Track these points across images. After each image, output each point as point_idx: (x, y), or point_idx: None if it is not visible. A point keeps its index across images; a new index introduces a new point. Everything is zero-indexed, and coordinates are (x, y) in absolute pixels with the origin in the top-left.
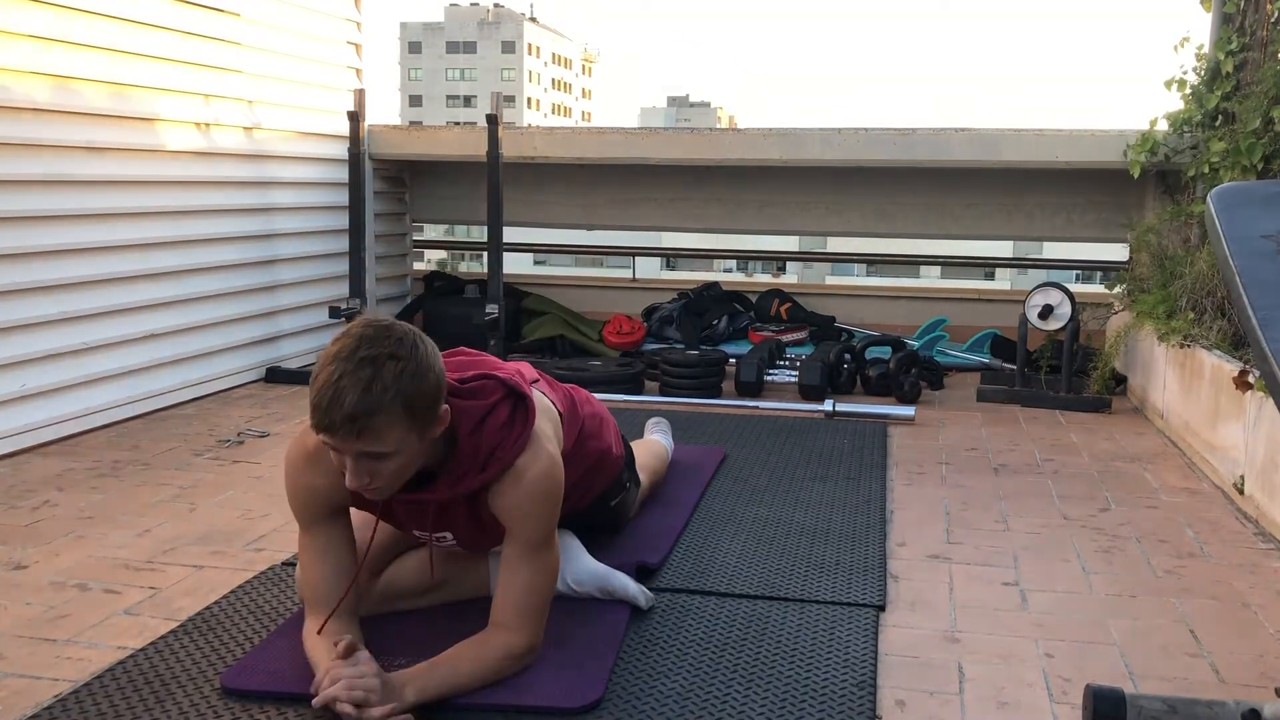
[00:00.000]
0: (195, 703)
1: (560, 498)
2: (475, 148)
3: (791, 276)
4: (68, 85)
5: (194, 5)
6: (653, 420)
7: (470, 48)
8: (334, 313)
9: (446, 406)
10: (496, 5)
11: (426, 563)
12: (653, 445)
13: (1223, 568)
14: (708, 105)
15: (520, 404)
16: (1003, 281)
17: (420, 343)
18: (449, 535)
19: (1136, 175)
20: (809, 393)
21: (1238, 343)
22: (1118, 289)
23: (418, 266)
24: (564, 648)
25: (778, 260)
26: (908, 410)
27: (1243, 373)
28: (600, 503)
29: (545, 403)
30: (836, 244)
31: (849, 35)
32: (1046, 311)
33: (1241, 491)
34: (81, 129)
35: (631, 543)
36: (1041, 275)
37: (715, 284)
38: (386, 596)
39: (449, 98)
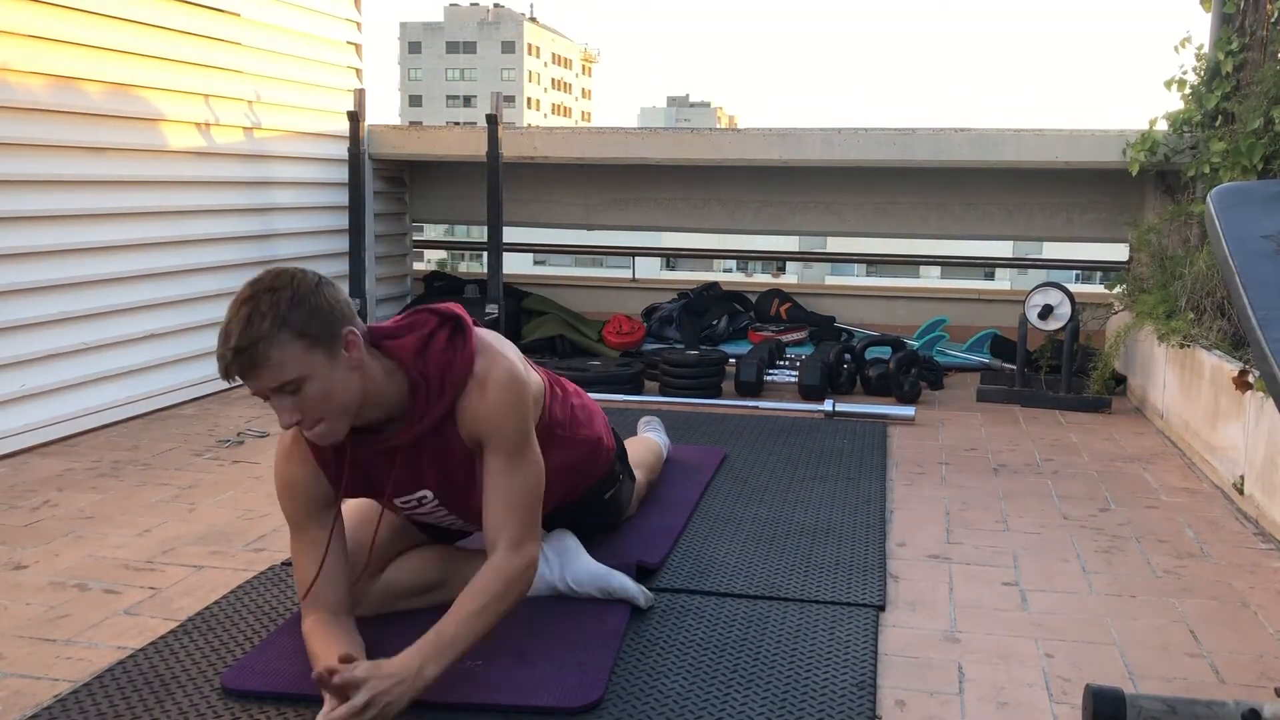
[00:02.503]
0: (195, 703)
1: (528, 400)
2: (475, 148)
3: (791, 276)
4: (68, 85)
5: (194, 5)
6: (644, 419)
7: (470, 48)
8: None
9: (353, 329)
10: (496, 5)
11: (427, 563)
12: (646, 443)
13: (1223, 568)
14: (708, 105)
15: (458, 325)
16: (1003, 281)
17: (301, 275)
18: (428, 494)
19: (1136, 175)
20: (809, 393)
21: (1238, 343)
22: (1117, 289)
23: (418, 266)
24: (564, 648)
25: (778, 260)
26: (908, 410)
27: (1243, 373)
28: (594, 494)
29: (505, 342)
30: (836, 244)
31: (849, 35)
32: (1046, 311)
33: (1241, 491)
34: (82, 129)
35: (631, 543)
36: (1041, 275)
37: (715, 284)
38: (386, 596)
39: (449, 98)
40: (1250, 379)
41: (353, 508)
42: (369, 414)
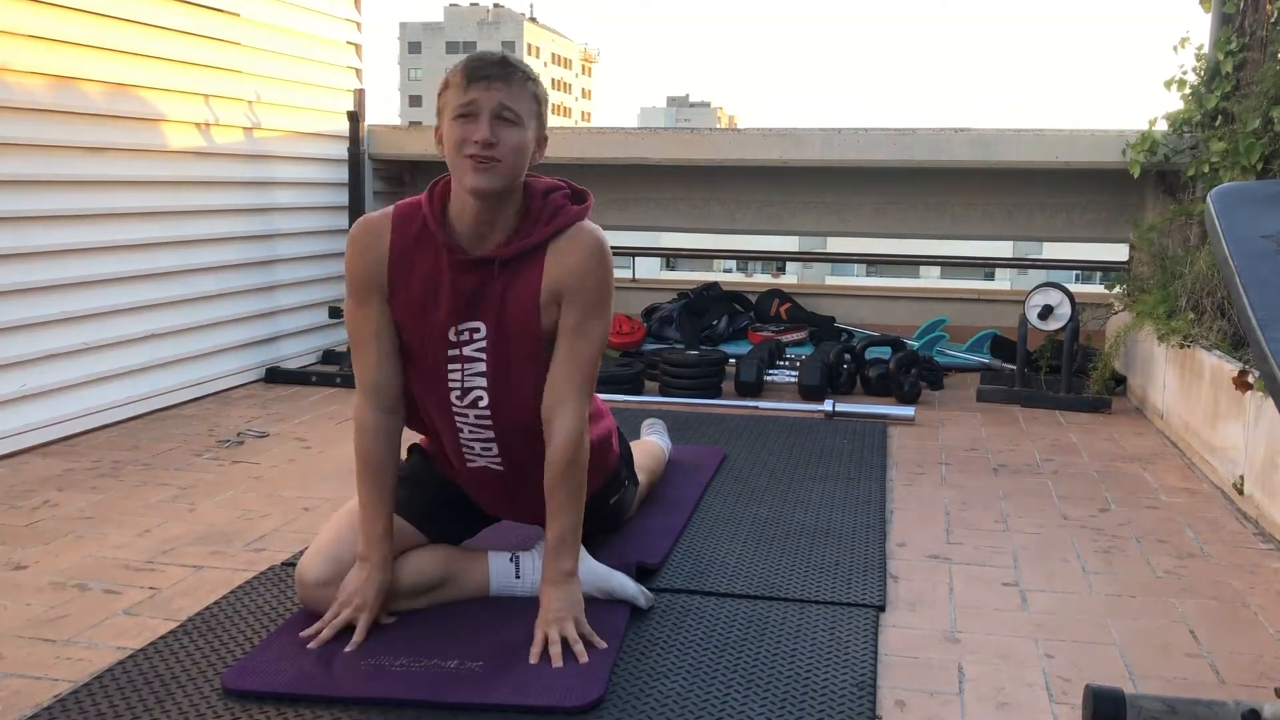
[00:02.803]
0: (195, 703)
1: (611, 270)
2: None
3: (791, 276)
4: (68, 85)
5: (194, 5)
6: (648, 421)
7: (470, 48)
8: (334, 313)
9: (547, 136)
10: (496, 5)
11: (427, 563)
12: (649, 446)
13: (1223, 568)
14: (708, 105)
15: (581, 196)
16: (1003, 281)
17: None
18: (482, 327)
19: (1136, 175)
20: (809, 393)
21: (1238, 343)
22: (1117, 289)
23: None
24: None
25: (778, 260)
26: (908, 410)
27: (1242, 373)
28: (598, 499)
29: None
30: (836, 244)
31: (849, 35)
32: (1046, 312)
33: (1241, 491)
34: (82, 129)
35: (631, 543)
36: (1041, 275)
37: (715, 284)
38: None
39: None
40: (1250, 379)
41: (352, 513)
42: (501, 204)
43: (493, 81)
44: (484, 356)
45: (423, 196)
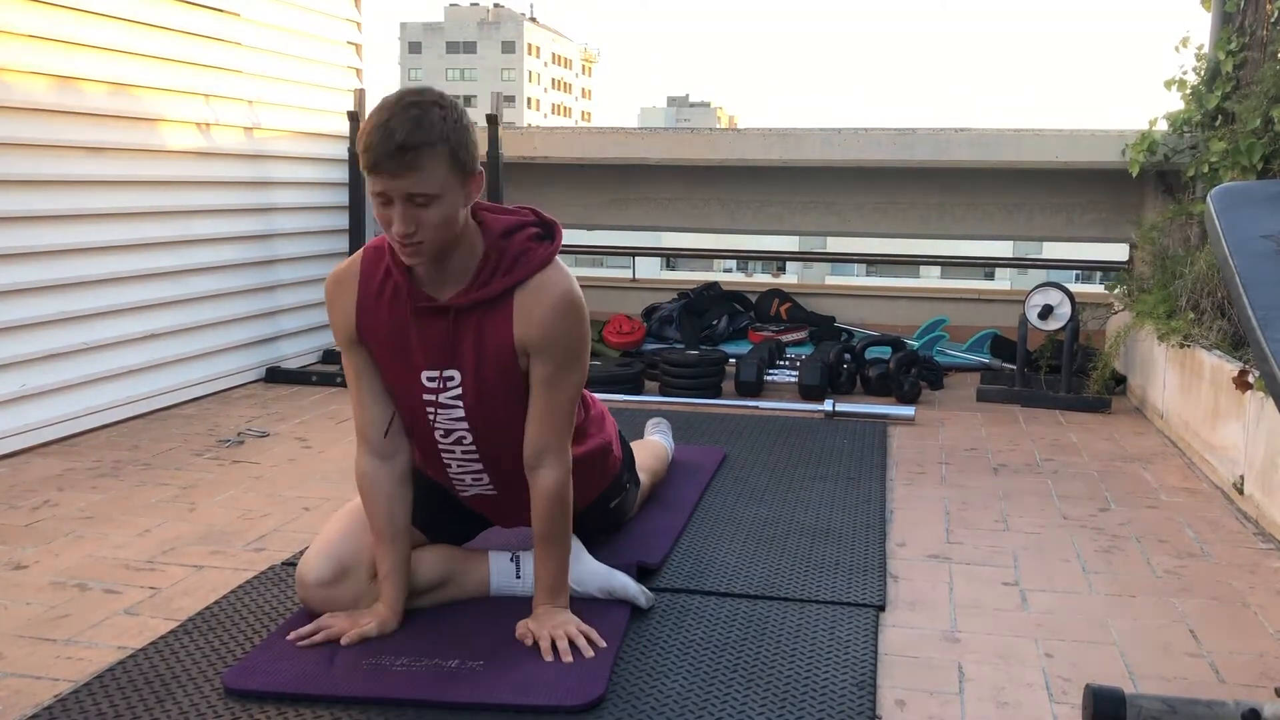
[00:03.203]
0: (195, 703)
1: (587, 324)
2: None
3: (791, 276)
4: (68, 85)
5: (194, 5)
6: (653, 420)
7: (470, 48)
8: None
9: (481, 171)
10: (496, 5)
11: (427, 564)
12: (653, 446)
13: (1223, 568)
14: (708, 105)
15: (551, 231)
16: (1003, 281)
17: (457, 101)
18: (456, 375)
19: (1136, 175)
20: (809, 393)
21: (1238, 343)
22: (1117, 289)
23: None
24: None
25: (778, 260)
26: (908, 410)
27: (1243, 373)
28: (599, 505)
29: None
30: (836, 244)
31: (849, 35)
32: (1046, 311)
33: (1241, 491)
34: (82, 129)
35: (631, 543)
36: (1041, 275)
37: (715, 284)
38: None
39: None
40: (1250, 379)
41: (353, 513)
42: (441, 261)
43: (395, 173)
44: (461, 403)
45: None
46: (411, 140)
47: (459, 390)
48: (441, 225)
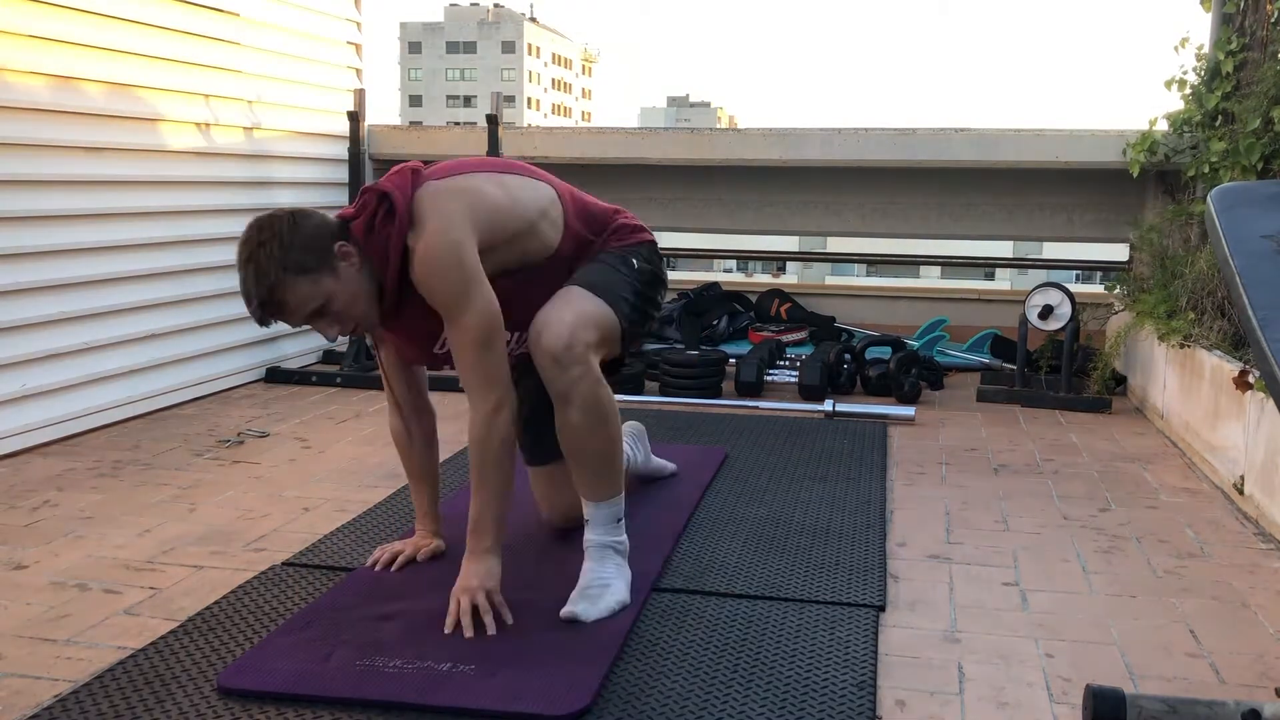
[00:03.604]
0: (195, 703)
1: (456, 256)
2: (475, 148)
3: (791, 276)
4: (68, 85)
5: (194, 5)
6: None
7: (470, 48)
8: None
9: (342, 243)
10: (496, 5)
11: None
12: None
13: (1223, 568)
14: (708, 105)
15: (385, 199)
16: (1003, 281)
17: (280, 219)
18: (446, 340)
19: (1136, 175)
20: (809, 393)
21: (1238, 343)
22: (1118, 289)
23: None
24: (559, 654)
25: (778, 260)
26: (908, 410)
27: (1243, 373)
28: (618, 255)
29: (449, 192)
30: (836, 244)
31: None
32: (1046, 311)
33: (1241, 491)
34: (82, 129)
35: (631, 542)
36: (1041, 275)
37: (715, 284)
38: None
39: (449, 98)
40: (1250, 379)
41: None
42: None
43: (280, 319)
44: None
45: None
46: (263, 294)
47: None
48: (351, 305)
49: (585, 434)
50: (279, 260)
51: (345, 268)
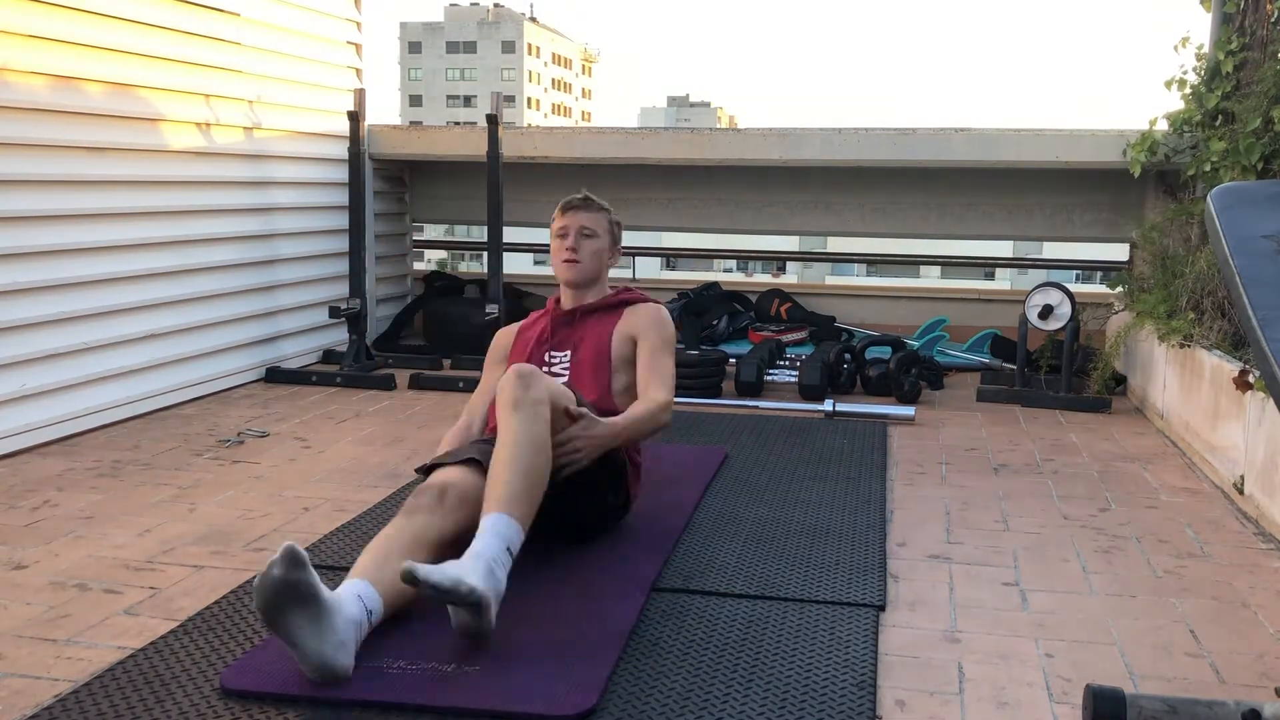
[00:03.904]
0: (195, 703)
1: (673, 332)
2: (475, 148)
3: (791, 276)
4: (68, 85)
5: (194, 5)
6: None
7: (470, 48)
8: (334, 313)
9: (620, 247)
10: (496, 5)
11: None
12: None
13: (1223, 568)
14: (708, 105)
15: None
16: (1003, 281)
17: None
18: (569, 354)
19: (1136, 175)
20: (809, 393)
21: (1238, 343)
22: (1118, 289)
23: (418, 266)
24: (561, 654)
25: (778, 260)
26: (908, 410)
27: (1243, 373)
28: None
29: None
30: (836, 244)
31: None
32: (1046, 311)
33: (1241, 491)
34: (82, 129)
35: (632, 542)
36: (1041, 275)
37: (715, 284)
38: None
39: (449, 98)
40: (1250, 379)
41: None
42: (588, 288)
43: (577, 210)
44: (568, 369)
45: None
46: (595, 201)
47: (567, 362)
48: (594, 254)
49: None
50: (610, 212)
51: (612, 250)
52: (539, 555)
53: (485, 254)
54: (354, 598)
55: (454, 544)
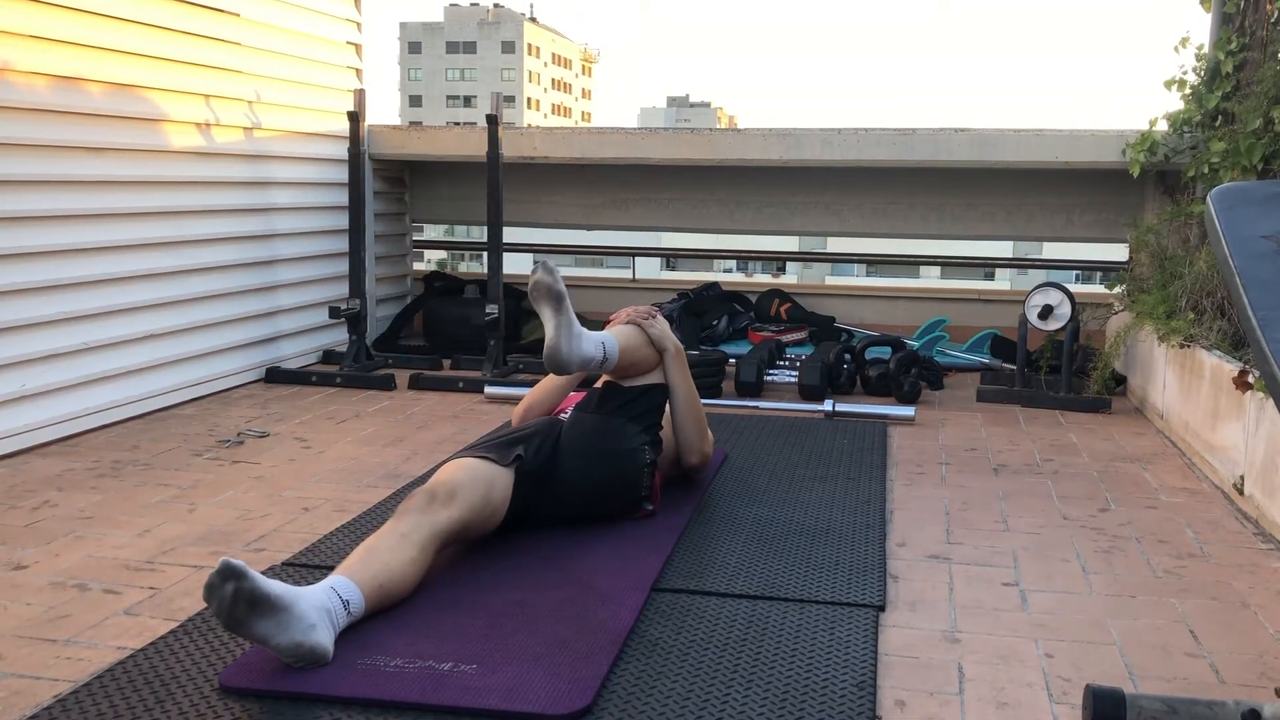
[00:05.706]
0: (195, 703)
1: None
2: (475, 148)
3: (791, 276)
4: (68, 85)
5: (194, 5)
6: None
7: (470, 48)
8: (334, 313)
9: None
10: (496, 5)
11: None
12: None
13: (1223, 568)
14: (708, 105)
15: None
16: (1003, 281)
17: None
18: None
19: (1136, 175)
20: (809, 393)
21: (1238, 343)
22: (1118, 289)
23: (418, 266)
24: (559, 654)
25: (778, 260)
26: (908, 410)
27: (1243, 373)
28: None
29: None
30: (836, 244)
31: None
32: (1046, 311)
33: (1241, 492)
34: (82, 129)
35: (632, 542)
36: (1041, 275)
37: (715, 284)
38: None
39: (449, 98)
40: (1250, 379)
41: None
42: None
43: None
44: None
45: None
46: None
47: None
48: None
49: None
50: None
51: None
52: (539, 555)
53: (485, 254)
54: (326, 588)
55: (453, 542)
